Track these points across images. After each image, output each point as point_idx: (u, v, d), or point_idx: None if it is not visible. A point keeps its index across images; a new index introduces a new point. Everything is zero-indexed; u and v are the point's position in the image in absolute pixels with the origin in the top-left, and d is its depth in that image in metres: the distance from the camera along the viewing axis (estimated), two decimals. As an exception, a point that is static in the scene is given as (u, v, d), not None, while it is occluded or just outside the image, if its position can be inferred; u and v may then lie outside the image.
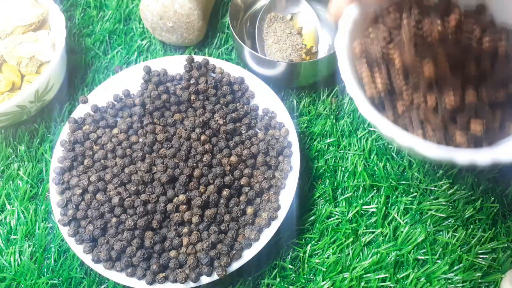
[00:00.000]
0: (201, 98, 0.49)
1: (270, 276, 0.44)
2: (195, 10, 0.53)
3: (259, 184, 0.44)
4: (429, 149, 0.30)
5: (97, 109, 0.50)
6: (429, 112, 0.33)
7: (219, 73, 0.51)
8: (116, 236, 0.42)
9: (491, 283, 0.42)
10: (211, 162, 0.44)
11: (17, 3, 0.53)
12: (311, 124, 0.52)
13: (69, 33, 0.59)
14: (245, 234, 0.43)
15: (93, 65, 0.57)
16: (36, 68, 0.51)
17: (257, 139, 0.47)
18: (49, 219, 0.48)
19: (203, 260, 0.41)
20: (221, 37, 0.58)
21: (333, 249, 0.45)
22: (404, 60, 0.33)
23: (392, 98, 0.34)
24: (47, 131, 0.53)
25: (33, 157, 0.51)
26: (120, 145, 0.47)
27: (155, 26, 0.55)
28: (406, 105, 0.34)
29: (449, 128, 0.33)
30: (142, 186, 0.44)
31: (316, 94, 0.53)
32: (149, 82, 0.50)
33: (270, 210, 0.43)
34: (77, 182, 0.45)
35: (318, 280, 0.43)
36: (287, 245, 0.45)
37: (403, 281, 0.43)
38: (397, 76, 0.34)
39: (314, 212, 0.47)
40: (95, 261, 0.42)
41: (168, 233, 0.42)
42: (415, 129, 0.33)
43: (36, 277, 0.45)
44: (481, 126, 0.32)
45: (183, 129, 0.46)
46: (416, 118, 0.33)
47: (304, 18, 0.56)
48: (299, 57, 0.53)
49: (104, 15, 0.61)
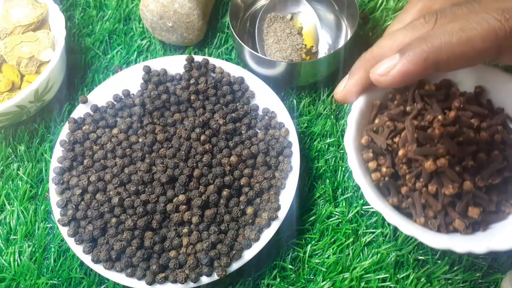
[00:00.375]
0: (201, 98, 0.49)
1: (270, 276, 0.44)
2: (195, 10, 0.53)
3: (259, 184, 0.44)
4: (429, 240, 0.34)
5: (97, 109, 0.50)
6: (430, 197, 0.36)
7: (219, 73, 0.51)
8: (116, 236, 0.42)
9: (491, 283, 0.42)
10: (211, 162, 0.44)
11: (17, 3, 0.53)
12: (311, 124, 0.52)
13: (69, 33, 0.59)
14: (245, 234, 0.43)
15: (93, 65, 0.57)
16: (35, 68, 0.51)
17: (257, 139, 0.47)
18: (48, 219, 0.48)
19: (203, 260, 0.40)
20: (221, 37, 0.58)
21: (333, 249, 0.45)
22: (407, 153, 0.36)
23: (396, 182, 0.38)
24: (47, 131, 0.53)
25: (33, 157, 0.51)
26: (120, 145, 0.47)
27: (155, 26, 0.55)
28: (409, 189, 0.37)
29: (449, 212, 0.37)
30: (142, 186, 0.44)
31: (316, 94, 0.53)
32: (149, 82, 0.50)
33: (270, 210, 0.43)
34: (77, 182, 0.45)
35: (318, 280, 0.43)
36: (287, 245, 0.45)
37: (403, 281, 0.43)
38: (401, 164, 0.37)
39: (314, 212, 0.47)
40: (94, 261, 0.42)
41: (168, 233, 0.42)
42: (418, 215, 0.37)
43: (36, 277, 0.45)
44: (479, 212, 0.36)
45: (183, 129, 0.46)
46: (419, 202, 0.37)
47: (304, 18, 0.56)
48: (299, 57, 0.53)
49: (104, 15, 0.61)
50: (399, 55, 0.32)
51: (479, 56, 0.32)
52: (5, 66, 0.52)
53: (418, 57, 0.31)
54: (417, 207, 0.37)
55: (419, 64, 0.31)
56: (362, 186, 0.36)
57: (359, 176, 0.37)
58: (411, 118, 0.38)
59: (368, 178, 0.38)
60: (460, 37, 0.31)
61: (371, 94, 0.40)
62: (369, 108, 0.40)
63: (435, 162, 0.35)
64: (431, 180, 0.36)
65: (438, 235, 0.36)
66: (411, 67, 0.31)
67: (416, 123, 0.37)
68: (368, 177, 0.38)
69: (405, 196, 0.38)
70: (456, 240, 0.35)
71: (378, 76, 0.33)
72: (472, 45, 0.31)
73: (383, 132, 0.39)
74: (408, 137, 0.37)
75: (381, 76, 0.33)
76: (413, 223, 0.37)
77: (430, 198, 0.37)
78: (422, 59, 0.31)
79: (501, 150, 0.38)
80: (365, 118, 0.40)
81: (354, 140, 0.38)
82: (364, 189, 0.36)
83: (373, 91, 0.40)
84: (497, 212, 0.38)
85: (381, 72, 0.33)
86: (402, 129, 0.38)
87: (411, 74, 0.32)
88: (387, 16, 0.57)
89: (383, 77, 0.33)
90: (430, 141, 0.36)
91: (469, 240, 0.36)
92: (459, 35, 0.31)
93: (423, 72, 0.32)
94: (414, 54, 0.31)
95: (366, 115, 0.40)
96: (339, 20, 0.57)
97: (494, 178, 0.37)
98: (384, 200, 0.37)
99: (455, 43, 0.31)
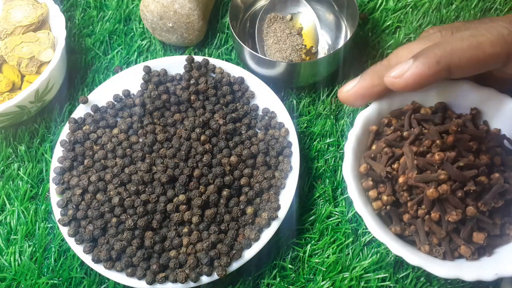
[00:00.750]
0: (201, 98, 0.49)
1: (270, 276, 0.44)
2: (195, 10, 0.53)
3: (259, 184, 0.44)
4: (437, 270, 0.34)
5: (97, 109, 0.50)
6: (433, 224, 0.36)
7: (219, 73, 0.51)
8: (116, 236, 0.43)
9: (491, 283, 0.42)
10: (211, 162, 0.44)
11: (18, 3, 0.53)
12: (311, 124, 0.52)
13: (69, 33, 0.59)
14: (245, 234, 0.43)
15: (93, 65, 0.57)
16: (36, 68, 0.51)
17: (257, 139, 0.47)
18: (49, 219, 0.48)
19: (203, 260, 0.41)
20: (221, 37, 0.58)
21: (333, 249, 0.45)
22: (408, 180, 0.36)
23: (398, 210, 0.38)
24: (47, 131, 0.53)
25: (33, 157, 0.51)
26: (120, 145, 0.47)
27: (155, 26, 0.55)
28: (412, 216, 0.37)
29: (453, 239, 0.37)
30: (142, 186, 0.44)
31: (316, 94, 0.53)
32: (149, 82, 0.50)
33: (270, 210, 0.43)
34: (77, 182, 0.45)
35: (318, 280, 0.43)
36: (287, 245, 0.45)
37: (403, 281, 0.43)
38: (401, 192, 0.37)
39: (314, 212, 0.47)
40: (95, 261, 0.42)
41: (168, 233, 0.42)
42: (422, 243, 0.37)
43: (36, 277, 0.45)
44: (484, 237, 0.36)
45: (183, 129, 0.46)
46: (422, 230, 0.37)
47: (304, 19, 0.56)
48: (299, 58, 0.53)
49: (104, 15, 0.61)
50: (413, 59, 0.33)
51: (489, 60, 0.33)
52: (5, 67, 0.52)
53: (431, 60, 0.32)
54: (420, 234, 0.37)
55: (432, 67, 0.32)
56: (364, 217, 0.36)
57: (360, 206, 0.36)
58: (409, 144, 0.38)
59: (369, 207, 0.38)
60: (470, 42, 0.32)
61: (368, 118, 0.40)
62: (365, 134, 0.40)
63: (437, 189, 0.35)
64: (434, 207, 0.36)
65: (445, 264, 0.36)
66: (424, 69, 0.33)
67: (415, 149, 0.37)
68: (369, 207, 0.38)
69: (407, 223, 0.38)
70: (464, 268, 0.35)
71: (392, 79, 0.34)
72: (482, 49, 0.32)
73: (382, 159, 0.39)
74: (407, 163, 0.37)
75: (395, 78, 0.34)
76: (418, 252, 0.37)
77: (434, 225, 0.37)
78: (434, 62, 0.32)
79: (502, 172, 0.38)
80: (362, 145, 0.40)
81: (352, 169, 0.38)
82: (366, 220, 0.36)
83: (370, 115, 0.40)
84: (501, 236, 0.38)
85: (395, 75, 0.34)
86: (400, 155, 0.38)
87: (424, 76, 0.33)
88: (386, 17, 0.58)
89: (397, 79, 0.34)
90: (430, 167, 0.36)
91: (476, 267, 0.36)
92: (470, 40, 0.32)
93: (436, 75, 0.33)
94: (428, 57, 0.33)
95: (363, 142, 0.40)
96: (338, 20, 0.57)
97: (496, 202, 0.37)
98: (387, 231, 0.37)
99: (466, 47, 0.32)
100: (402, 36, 0.56)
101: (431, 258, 0.36)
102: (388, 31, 0.57)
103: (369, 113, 0.40)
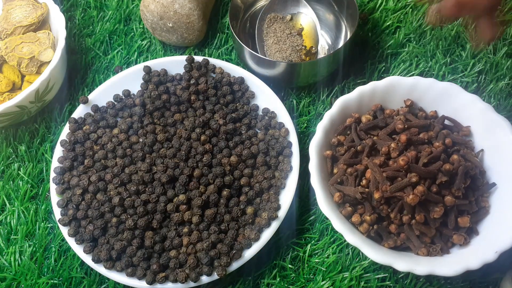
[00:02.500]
0: (201, 98, 0.49)
1: (270, 275, 0.44)
2: (195, 10, 0.53)
3: (259, 184, 0.44)
4: (447, 271, 0.35)
5: (98, 109, 0.50)
6: (421, 226, 0.38)
7: (219, 73, 0.51)
8: (116, 236, 0.43)
9: (491, 283, 0.43)
10: (211, 162, 0.44)
11: (18, 3, 0.53)
12: (311, 124, 0.52)
13: (69, 34, 0.59)
14: (245, 234, 0.43)
15: (93, 65, 0.57)
16: (36, 69, 0.51)
17: (257, 139, 0.47)
18: (49, 219, 0.48)
19: (203, 259, 0.41)
20: (221, 37, 0.58)
21: (333, 248, 0.45)
22: (383, 194, 0.37)
23: (383, 224, 0.39)
24: (48, 131, 0.53)
25: (34, 157, 0.51)
26: (120, 145, 0.47)
27: (155, 27, 0.55)
28: (398, 225, 0.38)
29: (444, 232, 0.38)
30: (142, 186, 0.44)
31: (316, 94, 0.53)
32: (149, 82, 0.50)
33: (270, 210, 0.43)
34: (78, 182, 0.45)
35: (318, 280, 0.43)
36: (287, 245, 0.45)
37: (403, 280, 0.43)
38: (381, 207, 0.38)
39: (314, 212, 0.47)
40: (95, 261, 0.42)
41: (168, 233, 0.42)
42: (417, 247, 0.38)
43: (37, 277, 0.45)
44: (468, 219, 0.37)
45: (183, 129, 0.46)
46: (413, 235, 0.38)
47: (303, 19, 0.56)
48: (299, 58, 0.53)
49: (104, 16, 0.61)
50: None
51: None
52: (5, 67, 0.52)
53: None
54: (413, 240, 0.38)
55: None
56: (361, 248, 0.36)
57: (352, 237, 0.37)
58: (366, 156, 0.39)
59: (358, 234, 0.38)
60: None
61: (321, 146, 0.42)
62: (323, 161, 0.42)
63: (415, 194, 0.35)
64: (415, 209, 0.37)
65: (451, 263, 0.36)
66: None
67: (378, 161, 0.38)
68: (358, 233, 0.38)
69: (396, 234, 0.39)
70: (468, 257, 0.36)
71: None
72: None
73: (349, 181, 0.39)
74: (377, 178, 0.38)
75: None
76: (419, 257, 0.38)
77: (422, 227, 0.37)
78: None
79: (457, 151, 0.39)
80: (323, 172, 0.41)
81: (327, 203, 0.38)
82: (365, 251, 0.36)
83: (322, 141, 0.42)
84: (479, 210, 0.39)
85: None
86: (364, 169, 0.39)
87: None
88: (386, 17, 0.58)
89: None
90: (399, 173, 0.37)
91: (474, 252, 0.37)
92: None
93: None
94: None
95: (323, 169, 0.41)
96: (338, 20, 0.57)
97: (465, 182, 0.38)
98: (389, 253, 0.37)
99: None
100: (402, 36, 0.56)
101: (437, 260, 0.37)
102: (388, 31, 0.57)
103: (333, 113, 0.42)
